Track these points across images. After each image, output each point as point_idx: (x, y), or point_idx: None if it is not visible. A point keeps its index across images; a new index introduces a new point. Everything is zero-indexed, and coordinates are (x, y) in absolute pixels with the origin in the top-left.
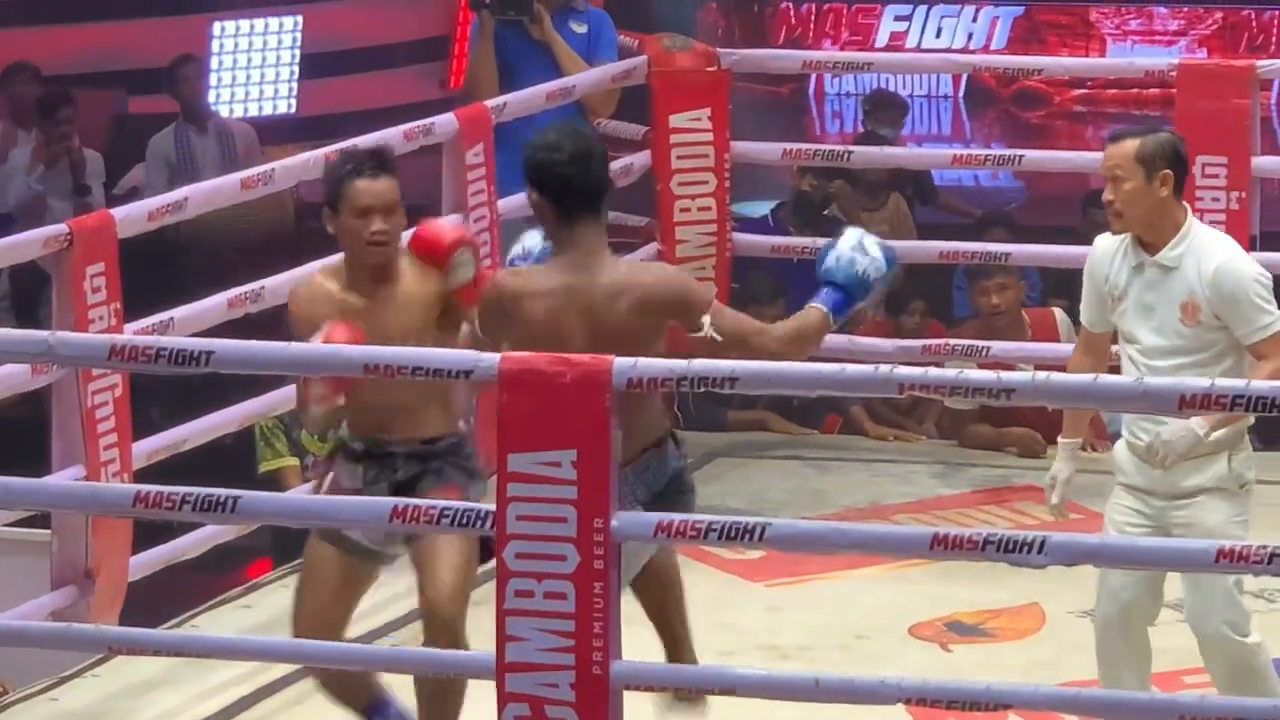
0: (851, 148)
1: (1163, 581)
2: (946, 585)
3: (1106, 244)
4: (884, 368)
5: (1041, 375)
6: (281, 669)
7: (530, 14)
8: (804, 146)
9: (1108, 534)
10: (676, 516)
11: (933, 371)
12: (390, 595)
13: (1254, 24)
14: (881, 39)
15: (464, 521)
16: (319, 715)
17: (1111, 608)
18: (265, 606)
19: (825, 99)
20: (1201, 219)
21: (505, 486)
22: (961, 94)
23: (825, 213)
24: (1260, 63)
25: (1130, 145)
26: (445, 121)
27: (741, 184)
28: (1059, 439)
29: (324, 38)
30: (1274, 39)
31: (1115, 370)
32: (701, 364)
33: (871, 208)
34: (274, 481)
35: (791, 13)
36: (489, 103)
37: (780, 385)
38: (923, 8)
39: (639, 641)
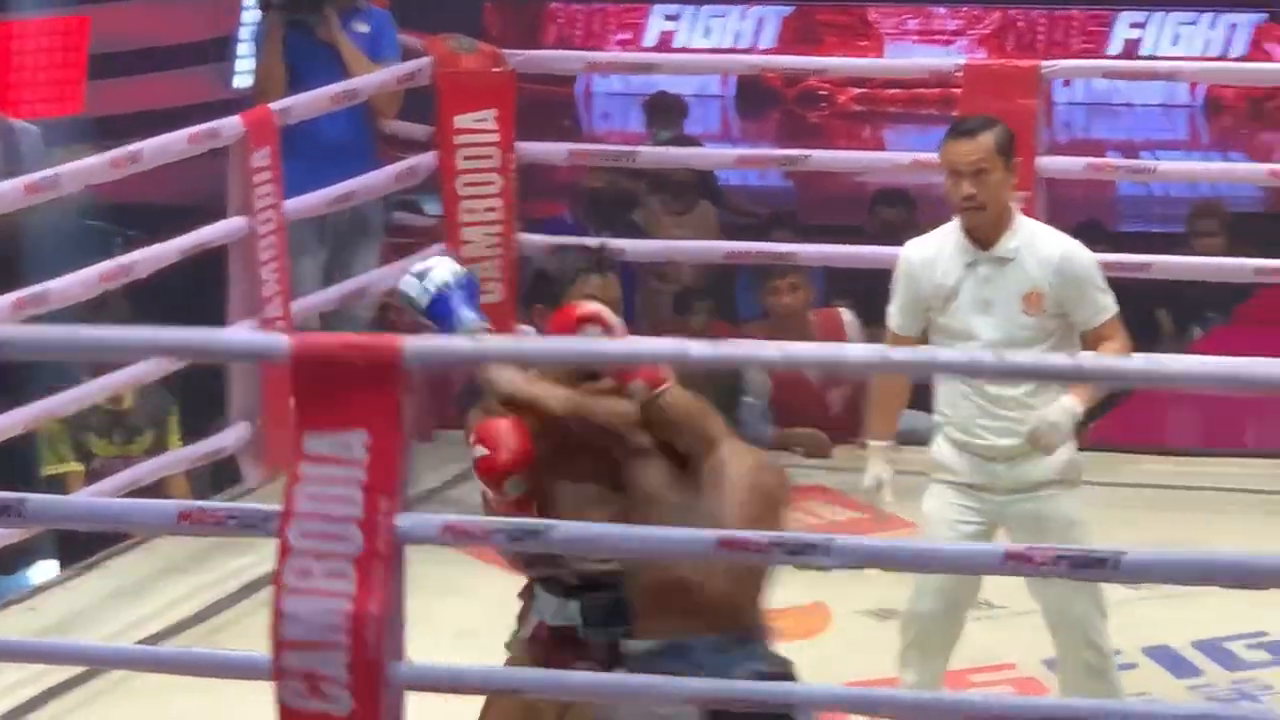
0: (637, 148)
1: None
2: None
3: (923, 247)
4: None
5: (877, 350)
6: (68, 671)
7: (318, 14)
8: (591, 147)
9: (933, 532)
10: (464, 518)
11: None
12: (176, 596)
13: (1019, 24)
14: (651, 38)
15: (251, 523)
16: (105, 717)
17: (937, 604)
18: (50, 609)
19: (594, 98)
20: None
21: (298, 466)
22: (731, 93)
23: (632, 217)
24: (1045, 63)
25: (988, 137)
26: (231, 125)
27: (533, 184)
28: (870, 442)
29: (112, 38)
30: (1041, 39)
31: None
32: (496, 347)
33: (679, 211)
34: (59, 484)
35: (561, 12)
36: (274, 105)
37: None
38: (691, 7)
39: (426, 640)
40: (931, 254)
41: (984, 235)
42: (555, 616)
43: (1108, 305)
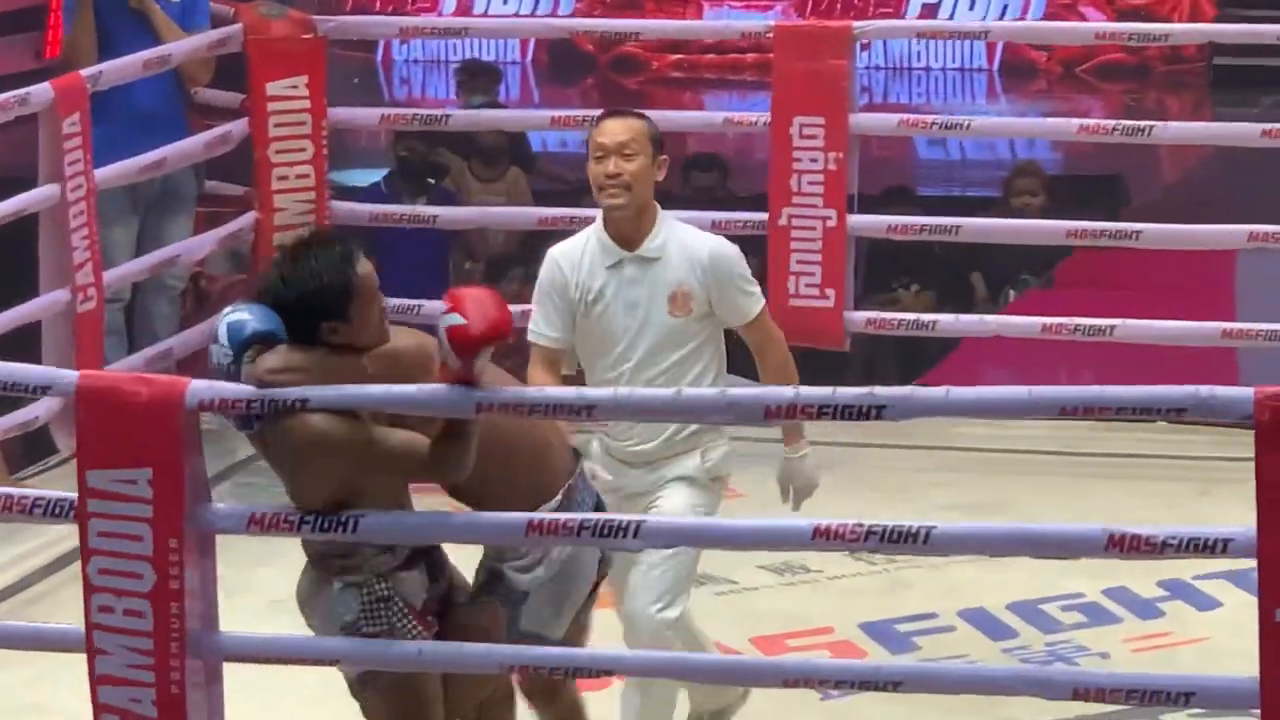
0: (449, 112)
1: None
2: None
3: (567, 251)
4: (461, 389)
5: (624, 391)
6: None
7: None
8: (402, 112)
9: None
10: (270, 508)
11: (513, 391)
12: None
13: None
14: (449, 5)
15: (55, 513)
16: None
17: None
18: None
19: (393, 65)
20: (800, 180)
21: (85, 503)
22: (530, 59)
23: (443, 184)
24: (857, 24)
25: (640, 122)
26: (41, 91)
27: (345, 151)
28: None
29: None
30: (840, 5)
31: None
32: (276, 392)
33: (489, 178)
34: None
35: None
36: (85, 72)
37: (359, 405)
38: None
39: (242, 610)
40: (576, 257)
41: (628, 234)
42: (417, 593)
43: (758, 298)
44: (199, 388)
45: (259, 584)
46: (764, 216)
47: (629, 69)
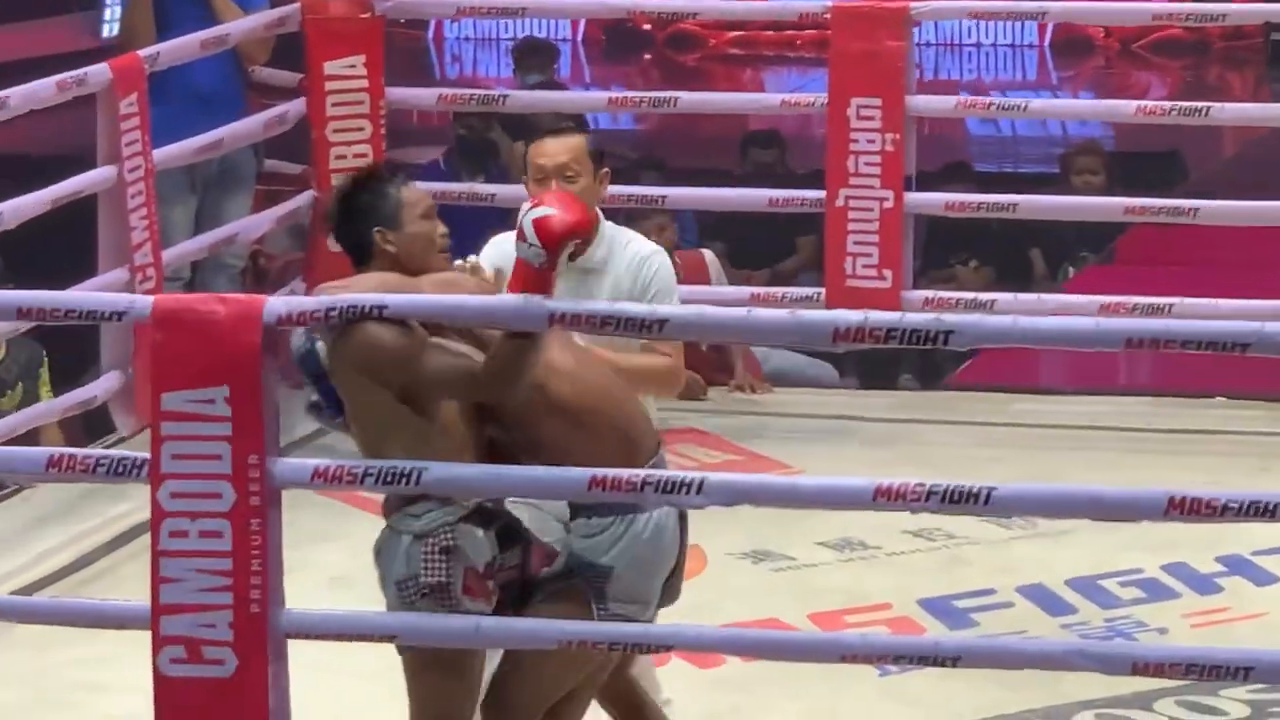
0: (508, 92)
1: None
2: None
3: (508, 254)
4: (535, 298)
5: (694, 309)
6: None
7: None
8: (460, 92)
9: None
10: (334, 461)
11: (585, 305)
12: (51, 546)
13: None
14: None
15: (120, 471)
16: None
17: None
18: None
19: (445, 43)
20: (857, 161)
21: (160, 426)
22: (580, 36)
23: (499, 160)
24: (914, 4)
25: (578, 139)
26: (98, 71)
27: (403, 130)
28: None
29: None
30: None
31: None
32: (351, 297)
33: None
34: None
35: None
36: (143, 52)
37: (432, 315)
38: None
39: (301, 588)
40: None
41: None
42: (482, 554)
43: None
44: (276, 303)
45: (317, 562)
46: (822, 194)
47: (686, 46)
